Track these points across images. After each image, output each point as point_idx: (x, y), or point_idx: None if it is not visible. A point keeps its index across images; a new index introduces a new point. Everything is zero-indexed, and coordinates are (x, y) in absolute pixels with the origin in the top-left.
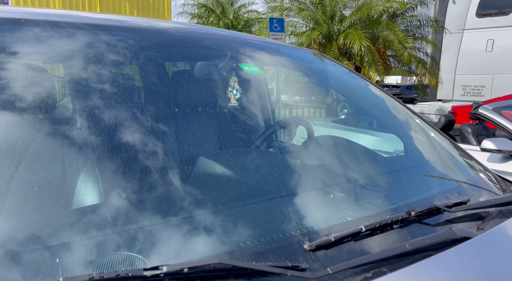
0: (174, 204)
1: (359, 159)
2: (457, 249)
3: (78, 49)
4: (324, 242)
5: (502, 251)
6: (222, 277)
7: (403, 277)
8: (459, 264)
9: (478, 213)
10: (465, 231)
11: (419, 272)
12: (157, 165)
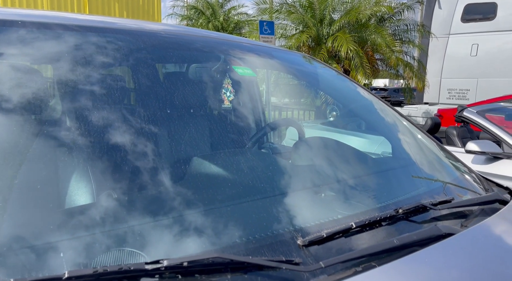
0: (172, 203)
1: (348, 160)
2: (441, 245)
3: (69, 50)
4: (316, 238)
5: (483, 247)
6: (220, 271)
7: (391, 271)
8: (443, 258)
9: (462, 211)
10: (449, 227)
11: (406, 266)
12: (152, 165)
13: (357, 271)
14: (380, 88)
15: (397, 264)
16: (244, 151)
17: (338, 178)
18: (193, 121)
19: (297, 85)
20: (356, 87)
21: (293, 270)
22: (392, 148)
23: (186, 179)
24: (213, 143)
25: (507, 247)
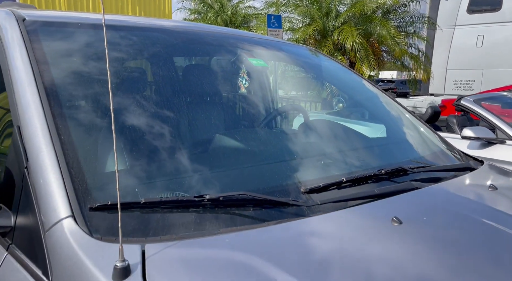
0: (209, 162)
1: (345, 136)
2: (409, 194)
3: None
4: (315, 187)
5: (443, 198)
6: (245, 204)
7: (367, 209)
8: (409, 204)
9: (436, 175)
10: (420, 184)
11: (380, 208)
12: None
13: (342, 207)
14: (387, 80)
15: (373, 205)
16: (261, 129)
17: (335, 150)
18: (216, 104)
19: (303, 78)
20: (359, 79)
21: (297, 205)
22: (387, 130)
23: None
24: (235, 122)
25: (459, 198)
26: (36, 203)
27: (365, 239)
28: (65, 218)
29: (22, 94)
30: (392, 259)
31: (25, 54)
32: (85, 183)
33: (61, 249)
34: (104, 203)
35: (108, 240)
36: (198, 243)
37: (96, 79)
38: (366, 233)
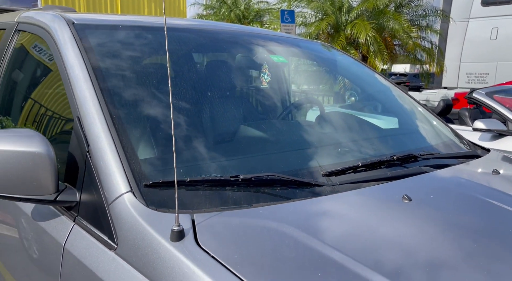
0: (244, 148)
1: (360, 127)
2: (418, 177)
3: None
4: (334, 170)
5: (448, 180)
6: (273, 184)
7: (382, 188)
8: (418, 185)
9: (444, 161)
10: (429, 168)
11: (392, 187)
12: None
13: (358, 187)
14: (400, 74)
15: (386, 186)
16: (283, 120)
17: (351, 138)
18: (243, 98)
19: (315, 72)
20: (371, 73)
21: (319, 185)
22: (399, 122)
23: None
24: (261, 113)
25: (463, 180)
26: (99, 181)
27: (379, 213)
28: (125, 193)
29: (79, 89)
30: (403, 229)
31: (78, 54)
32: (139, 165)
33: (124, 218)
34: (156, 181)
35: (162, 211)
36: (235, 213)
37: (140, 73)
38: (380, 207)
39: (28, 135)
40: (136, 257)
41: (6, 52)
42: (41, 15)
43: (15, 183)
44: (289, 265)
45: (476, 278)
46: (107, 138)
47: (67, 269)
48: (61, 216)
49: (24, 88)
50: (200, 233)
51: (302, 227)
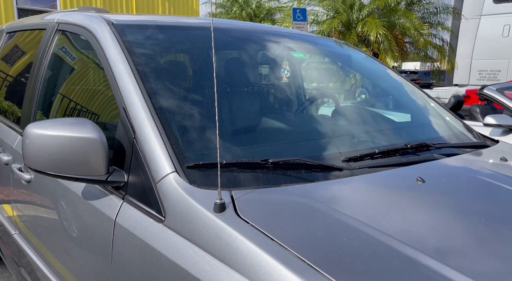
0: (272, 136)
1: (374, 119)
2: (432, 162)
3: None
4: (353, 156)
5: (457, 167)
6: (299, 167)
7: (397, 172)
8: (429, 170)
9: (454, 150)
10: (440, 156)
11: (407, 171)
12: None
13: (375, 171)
14: (410, 71)
15: (401, 170)
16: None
17: (366, 129)
18: (266, 91)
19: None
20: (384, 69)
21: (339, 169)
22: (411, 115)
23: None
24: (281, 105)
25: (472, 165)
26: (146, 164)
27: (396, 191)
28: (171, 173)
29: (123, 82)
30: (417, 206)
31: (120, 51)
32: (181, 149)
33: (171, 194)
34: (196, 163)
35: (203, 188)
36: (267, 191)
37: (175, 67)
38: (396, 187)
39: (83, 122)
40: (183, 227)
41: (48, 49)
42: (82, 16)
43: (72, 165)
44: (317, 232)
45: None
46: (151, 126)
47: (119, 240)
48: (110, 195)
49: (70, 82)
50: (238, 206)
51: (327, 202)
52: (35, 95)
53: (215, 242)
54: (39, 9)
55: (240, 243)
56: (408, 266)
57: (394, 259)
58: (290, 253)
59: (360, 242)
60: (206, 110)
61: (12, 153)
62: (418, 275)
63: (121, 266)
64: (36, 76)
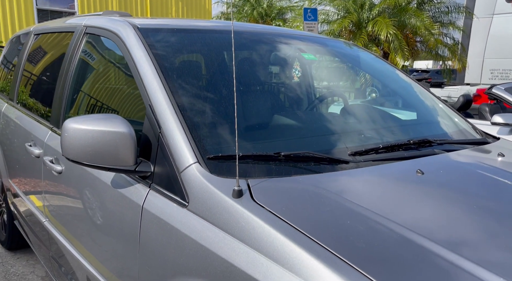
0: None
1: (381, 116)
2: (432, 157)
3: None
4: (358, 150)
5: (456, 161)
6: (308, 160)
7: (399, 164)
8: (429, 164)
9: (456, 146)
10: (441, 151)
11: (408, 164)
12: None
13: (379, 163)
14: (421, 70)
15: (402, 163)
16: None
17: (372, 126)
18: (279, 90)
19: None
20: (393, 69)
21: (346, 162)
22: (417, 113)
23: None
24: (293, 103)
25: (470, 160)
26: (171, 155)
27: (396, 181)
28: (194, 164)
29: (149, 82)
30: (415, 196)
31: (146, 53)
32: (202, 142)
33: (194, 182)
34: (216, 155)
35: (223, 177)
36: (280, 180)
37: (196, 67)
38: (397, 178)
39: (114, 118)
40: (205, 210)
41: (76, 51)
42: (108, 21)
43: (104, 156)
44: (324, 215)
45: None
46: (175, 121)
47: (146, 223)
48: (137, 184)
49: (98, 81)
50: (254, 193)
51: (334, 190)
52: (64, 93)
53: (233, 224)
54: (57, 10)
55: (256, 225)
56: (403, 242)
57: (390, 237)
58: (300, 233)
59: (362, 224)
60: (224, 107)
61: (43, 147)
62: (412, 251)
63: (148, 247)
64: (65, 75)
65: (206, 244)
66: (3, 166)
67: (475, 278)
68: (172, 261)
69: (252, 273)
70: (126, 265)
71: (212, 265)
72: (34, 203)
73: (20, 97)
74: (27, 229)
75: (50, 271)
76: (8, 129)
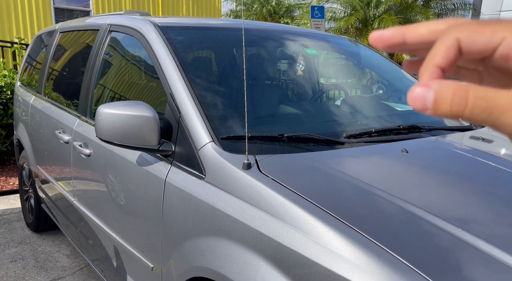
0: (289, 116)
1: (377, 105)
2: (417, 140)
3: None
4: (353, 134)
5: (441, 141)
6: (308, 141)
7: (387, 145)
8: (414, 145)
9: (442, 132)
10: (427, 135)
11: (395, 145)
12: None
13: (370, 143)
14: None
15: (390, 144)
16: (317, 98)
17: (368, 114)
18: (281, 82)
19: (343, 66)
20: (393, 66)
21: (341, 143)
22: None
23: (293, 110)
24: (301, 93)
25: (451, 142)
26: (190, 136)
27: (384, 159)
28: (209, 142)
29: (170, 73)
30: (400, 170)
31: (166, 48)
32: (216, 125)
33: (209, 158)
34: (228, 135)
35: (234, 153)
36: (283, 156)
37: (210, 61)
38: (384, 155)
39: (141, 104)
40: (219, 181)
41: (102, 47)
42: (131, 19)
43: (131, 137)
44: (319, 183)
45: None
46: (193, 108)
47: (169, 194)
48: (159, 162)
49: (122, 74)
50: (261, 165)
51: (328, 164)
52: (91, 84)
53: (244, 190)
54: (73, 8)
55: (263, 190)
56: (383, 202)
57: (373, 199)
58: (299, 196)
59: (352, 191)
60: (235, 95)
61: (72, 133)
62: (389, 208)
63: (171, 213)
64: (91, 69)
65: (220, 208)
66: (31, 154)
67: (431, 225)
68: (191, 223)
69: (258, 228)
70: (151, 230)
71: (225, 224)
72: (63, 185)
73: (47, 89)
74: (55, 211)
75: (78, 246)
76: (37, 120)
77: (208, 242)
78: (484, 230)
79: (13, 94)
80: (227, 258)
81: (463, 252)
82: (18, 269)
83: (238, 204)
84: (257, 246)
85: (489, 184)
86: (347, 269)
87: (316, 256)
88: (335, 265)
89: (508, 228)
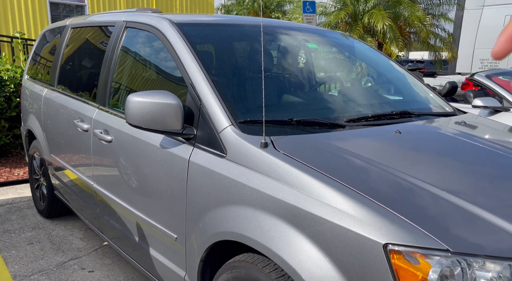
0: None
1: (371, 94)
2: (409, 123)
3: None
4: (352, 118)
5: (429, 124)
6: (314, 124)
7: (383, 127)
8: (407, 126)
9: (429, 117)
10: (417, 119)
11: (389, 127)
12: None
13: (366, 127)
14: (417, 60)
15: (385, 126)
16: (321, 88)
17: (365, 102)
18: (286, 73)
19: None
20: (384, 58)
21: (342, 126)
22: (403, 95)
23: (299, 98)
24: (300, 83)
25: (437, 124)
26: (211, 121)
27: (380, 137)
28: (229, 126)
29: (189, 65)
30: (394, 147)
31: (185, 44)
32: (234, 111)
33: (229, 139)
34: (245, 120)
35: (251, 134)
36: (293, 137)
37: (226, 53)
38: (380, 136)
39: (166, 93)
40: (239, 158)
41: (119, 42)
42: (147, 17)
43: (158, 122)
44: (326, 157)
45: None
46: (213, 96)
47: (192, 171)
48: (182, 144)
49: (139, 68)
50: (276, 144)
51: (332, 142)
52: (109, 77)
53: (261, 165)
54: (68, 3)
55: (279, 164)
56: (378, 172)
57: (369, 169)
58: (310, 167)
59: (354, 163)
60: (249, 85)
61: (91, 122)
62: (383, 176)
63: (195, 188)
64: (109, 63)
65: (241, 180)
66: (45, 143)
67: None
68: (215, 196)
69: (276, 195)
70: (176, 205)
71: (246, 194)
72: (82, 171)
73: (61, 82)
74: (70, 196)
75: (96, 226)
76: (51, 110)
77: (231, 210)
78: (466, 192)
79: (16, 87)
80: (249, 222)
81: (447, 208)
82: (36, 251)
83: (258, 177)
84: (276, 210)
85: (469, 157)
86: (353, 223)
87: (326, 215)
88: (343, 221)
89: (488, 191)
